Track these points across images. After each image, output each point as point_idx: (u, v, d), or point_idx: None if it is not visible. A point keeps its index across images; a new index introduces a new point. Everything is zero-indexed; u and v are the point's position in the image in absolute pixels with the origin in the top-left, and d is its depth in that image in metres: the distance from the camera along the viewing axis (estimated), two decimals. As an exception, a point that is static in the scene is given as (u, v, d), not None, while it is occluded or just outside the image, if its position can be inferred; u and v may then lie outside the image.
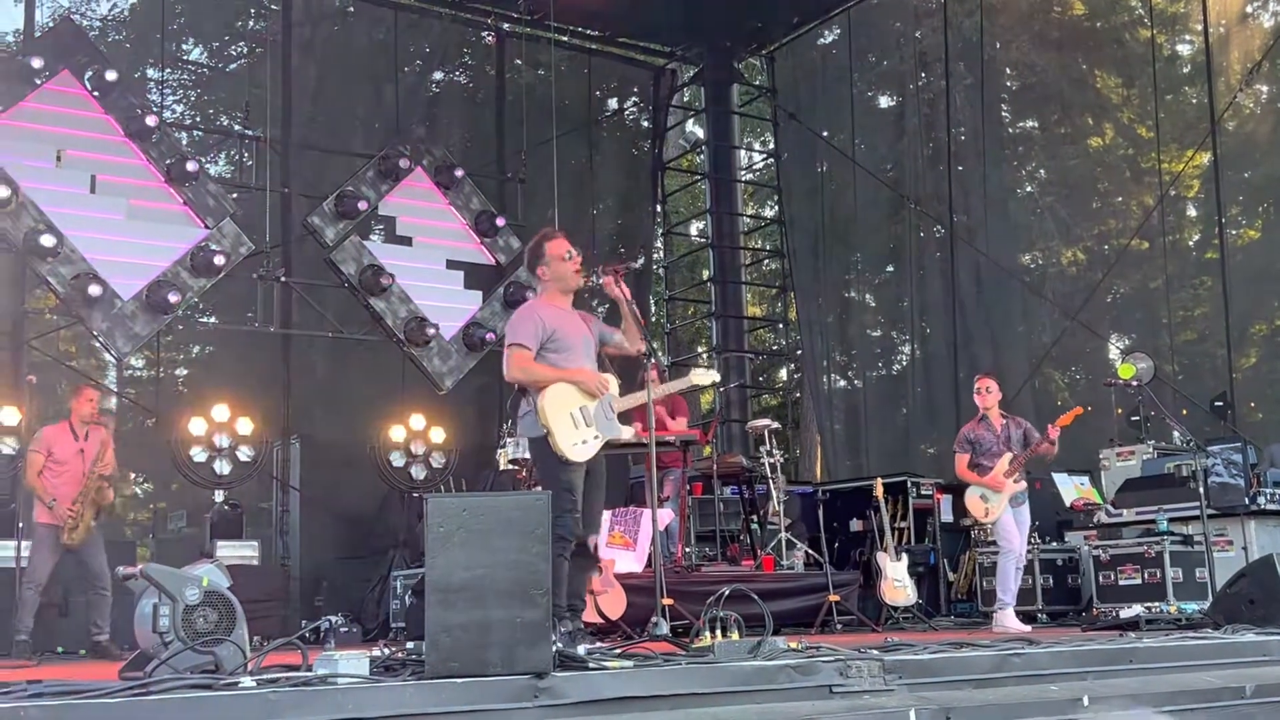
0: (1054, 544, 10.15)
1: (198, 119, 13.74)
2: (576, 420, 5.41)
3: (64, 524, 8.01)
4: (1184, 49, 13.52)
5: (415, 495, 11.15)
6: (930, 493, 11.22)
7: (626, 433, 5.65)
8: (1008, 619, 8.19)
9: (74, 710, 2.97)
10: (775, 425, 9.94)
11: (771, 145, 16.64)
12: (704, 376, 6.19)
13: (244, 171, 11.94)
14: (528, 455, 8.48)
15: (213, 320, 12.81)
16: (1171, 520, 9.31)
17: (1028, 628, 8.13)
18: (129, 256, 10.48)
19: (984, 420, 8.53)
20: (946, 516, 11.12)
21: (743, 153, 16.87)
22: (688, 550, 9.27)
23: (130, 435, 11.42)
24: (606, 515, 8.58)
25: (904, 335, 15.41)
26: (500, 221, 12.51)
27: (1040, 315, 13.27)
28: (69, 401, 8.53)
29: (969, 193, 13.78)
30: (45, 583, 8.08)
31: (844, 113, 14.85)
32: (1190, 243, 13.17)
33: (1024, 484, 8.43)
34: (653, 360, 5.69)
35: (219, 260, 10.71)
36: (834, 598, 8.57)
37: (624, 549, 8.54)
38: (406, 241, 12.17)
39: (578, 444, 5.37)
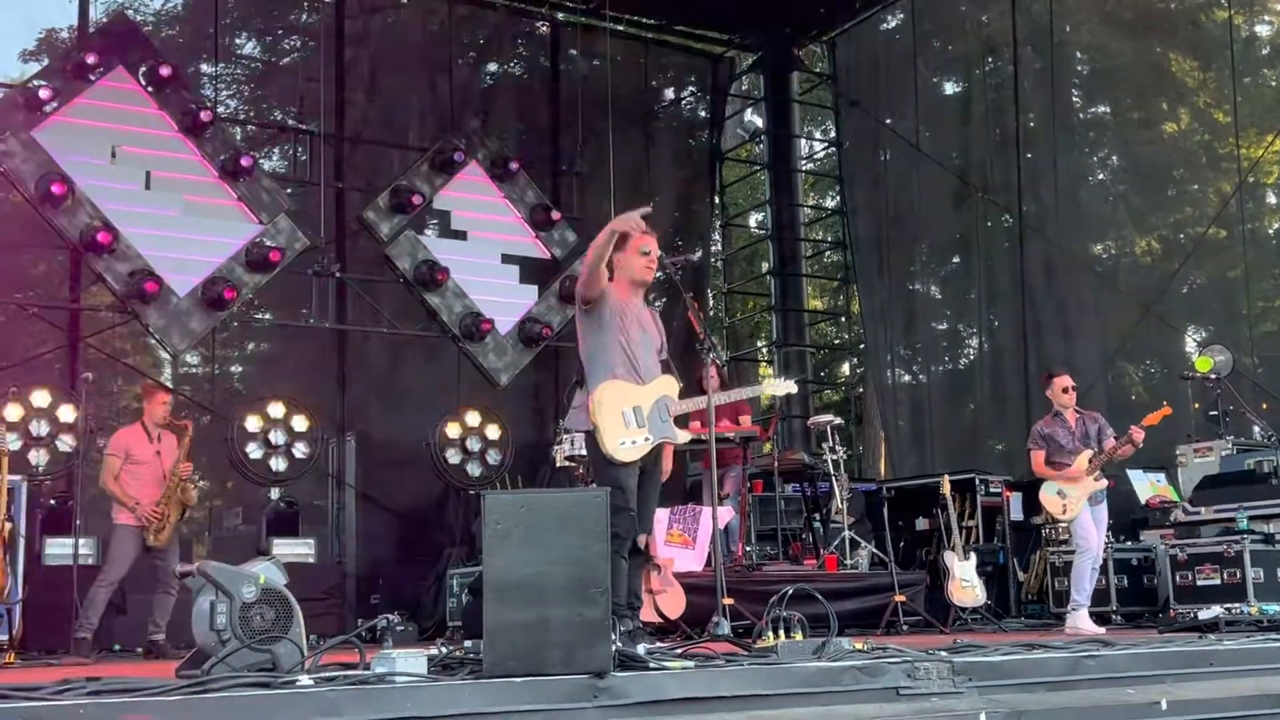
0: (1129, 543, 9.99)
1: (251, 114, 13.90)
2: (628, 420, 5.40)
3: (149, 525, 8.18)
4: (1263, 30, 13.23)
5: (471, 492, 11.22)
6: (999, 490, 11.10)
7: (682, 437, 5.61)
8: (1081, 620, 8.07)
9: (133, 708, 3.01)
10: (838, 421, 9.89)
11: (833, 134, 16.54)
12: (779, 387, 6.10)
13: (298, 166, 12.07)
14: (585, 452, 8.51)
15: (267, 317, 12.97)
16: (1252, 518, 9.13)
17: (1102, 629, 8.01)
18: (184, 253, 10.62)
19: (1059, 416, 8.39)
20: (1016, 514, 10.98)
21: (803, 142, 16.78)
22: (748, 549, 9.26)
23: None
24: (664, 513, 8.58)
25: (971, 328, 15.25)
26: (556, 215, 12.54)
27: (1113, 307, 13.06)
28: (141, 402, 8.67)
29: (1039, 180, 13.59)
30: (118, 583, 8.22)
31: (908, 99, 14.71)
32: (1270, 230, 12.90)
33: (1104, 482, 8.30)
34: (712, 357, 5.65)
35: (274, 256, 10.83)
36: (900, 598, 8.51)
37: (683, 547, 8.54)
38: (461, 236, 12.24)
39: (625, 443, 5.36)
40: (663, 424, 5.48)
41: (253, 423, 10.52)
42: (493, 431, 11.63)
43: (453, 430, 11.48)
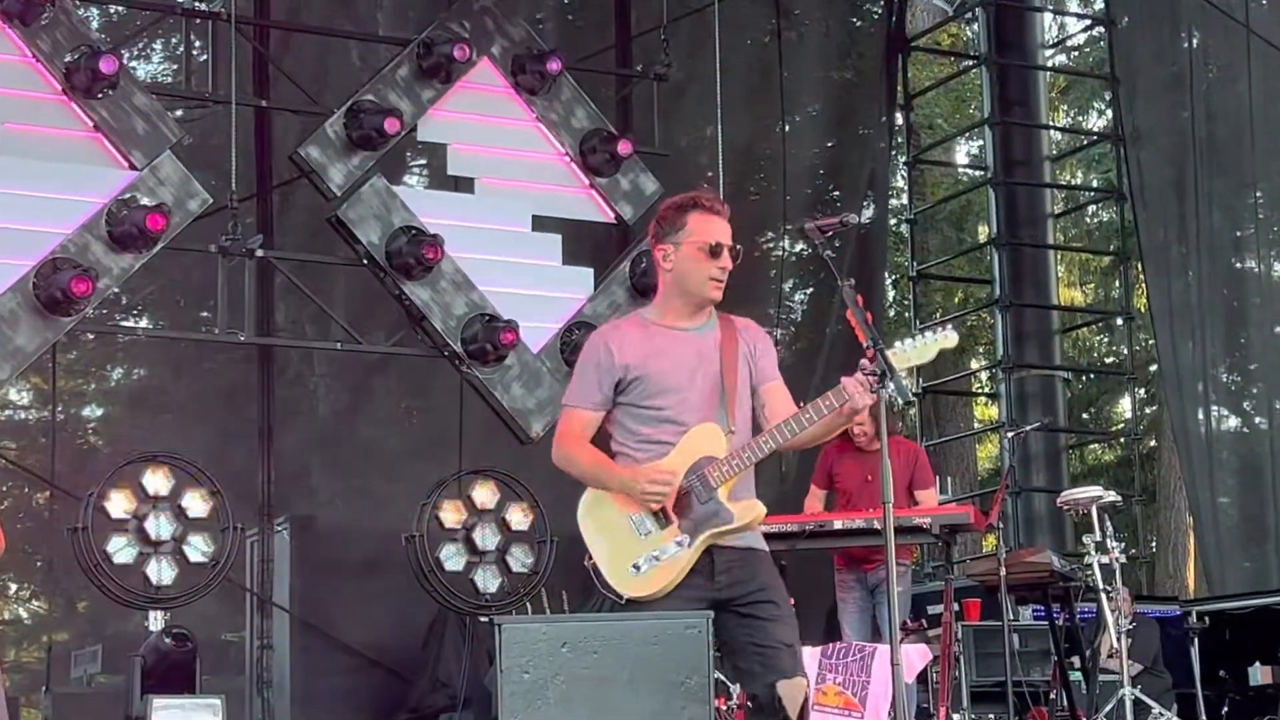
0: None
1: (117, -14, 14.14)
2: (639, 526, 5.46)
3: None
4: None
5: (484, 619, 11.26)
6: (1394, 617, 10.98)
7: (744, 513, 5.57)
8: None
9: None
10: (1112, 498, 9.81)
11: (1100, 4, 16.44)
12: (921, 346, 5.90)
13: (193, 72, 12.24)
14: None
15: (144, 325, 13.15)
16: None
17: None
18: (5, 219, 10.81)
19: None
20: None
21: (1049, 18, 16.70)
22: (956, 718, 9.20)
23: (7, 518, 11.75)
24: (813, 654, 8.57)
25: (1345, 336, 15.07)
26: (625, 147, 12.56)
27: None
28: None
29: None
30: None
31: (1228, -57, 14.62)
32: None
33: None
34: (890, 390, 5.58)
35: (154, 223, 10.97)
36: (1220, 801, 8.46)
37: (844, 713, 8.53)
38: (465, 185, 12.33)
39: (642, 566, 5.40)
40: (704, 505, 5.49)
41: (118, 503, 10.63)
42: (518, 517, 11.66)
43: (451, 515, 11.53)
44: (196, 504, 10.76)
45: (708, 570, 5.45)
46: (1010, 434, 14.40)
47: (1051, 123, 16.51)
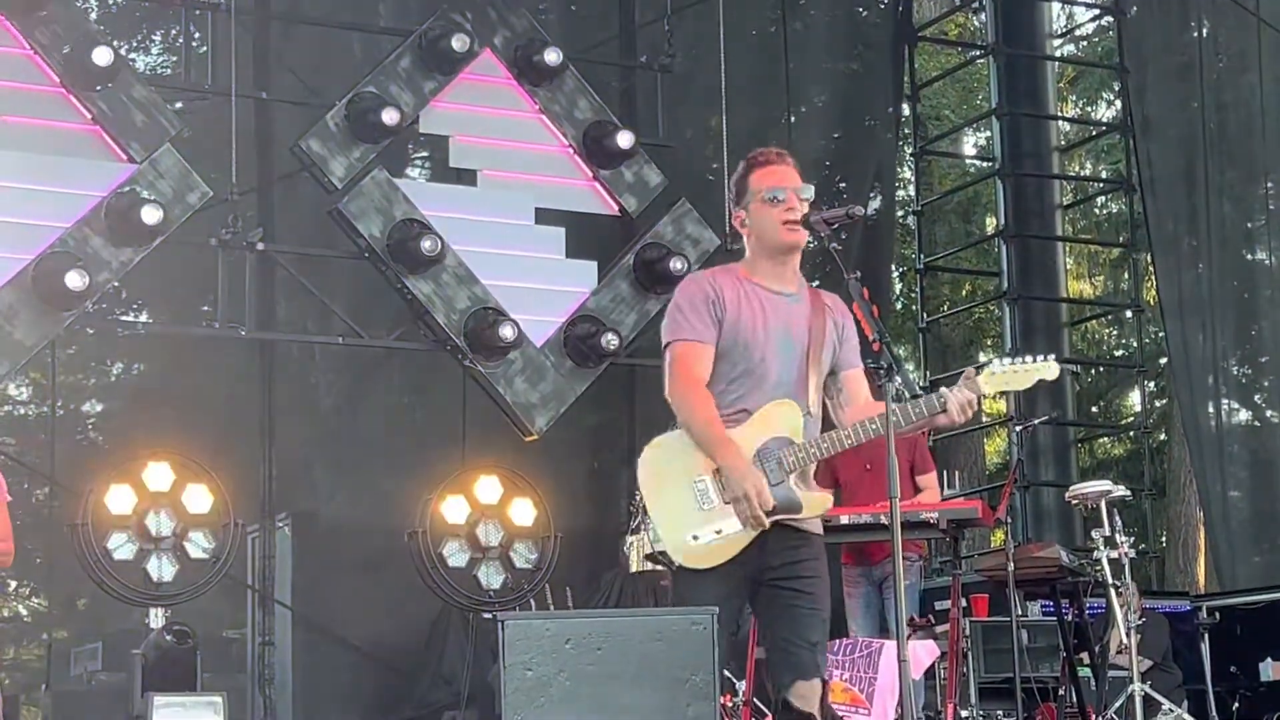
0: None
1: (116, -23, 14.13)
2: (701, 495, 5.41)
3: None
4: None
5: (487, 616, 11.26)
6: None
7: (816, 503, 5.58)
8: None
9: None
10: (1121, 492, 9.79)
11: (1108, -8, 16.45)
12: (1018, 372, 5.88)
13: (192, 65, 12.24)
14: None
15: (144, 319, 13.14)
16: None
17: None
18: (3, 213, 10.80)
19: None
20: None
21: (1057, 8, 16.68)
22: (964, 715, 9.19)
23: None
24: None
25: (1358, 328, 15.03)
26: (626, 140, 12.55)
27: None
28: None
29: None
30: None
31: (1238, -72, 14.60)
32: None
33: None
34: (896, 384, 5.60)
35: (152, 216, 10.99)
36: (1231, 799, 8.46)
37: (851, 709, 8.53)
38: (468, 178, 12.32)
39: (701, 536, 5.37)
40: (775, 488, 5.45)
41: (119, 498, 10.64)
42: (522, 512, 11.66)
43: (454, 510, 11.52)
44: (198, 499, 10.77)
45: (760, 545, 5.43)
46: (1018, 428, 14.36)
47: (1060, 113, 16.49)
